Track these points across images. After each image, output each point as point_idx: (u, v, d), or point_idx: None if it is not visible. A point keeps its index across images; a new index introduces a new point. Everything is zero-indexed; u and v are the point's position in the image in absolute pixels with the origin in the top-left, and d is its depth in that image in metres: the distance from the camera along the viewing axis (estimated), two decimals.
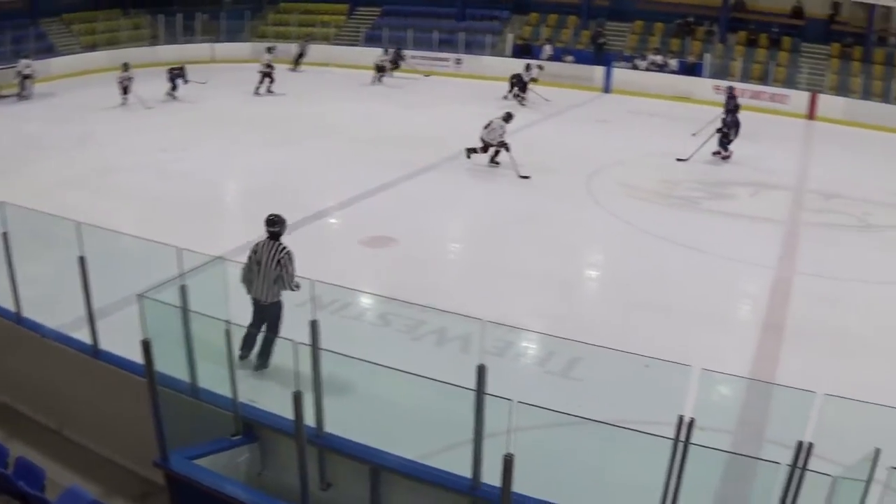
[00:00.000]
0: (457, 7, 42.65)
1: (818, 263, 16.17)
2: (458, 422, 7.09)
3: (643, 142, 26.08)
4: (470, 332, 10.56)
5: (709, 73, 36.39)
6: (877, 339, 13.25)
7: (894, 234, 18.85)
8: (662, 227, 17.48)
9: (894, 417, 9.57)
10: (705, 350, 11.70)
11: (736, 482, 8.15)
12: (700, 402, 7.34)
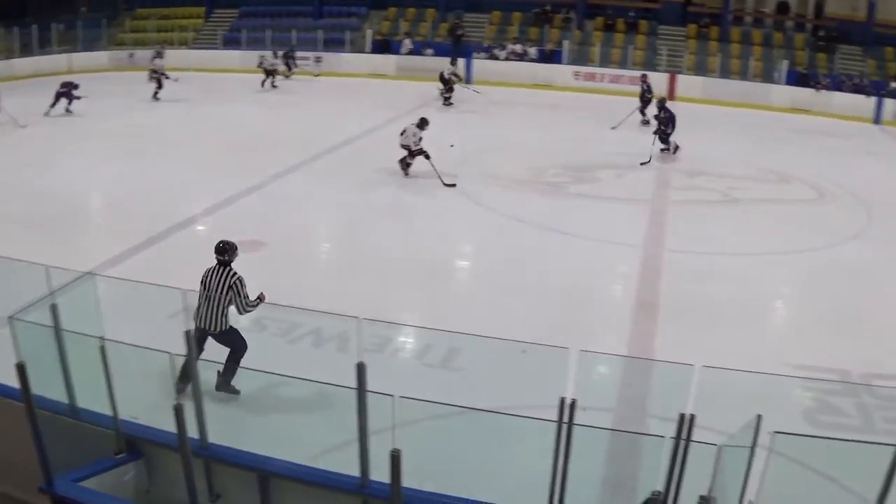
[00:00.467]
0: (314, 5, 42.26)
1: (686, 240, 16.55)
2: (343, 421, 6.95)
3: (507, 131, 26.28)
4: (346, 330, 10.43)
5: (568, 59, 36.89)
6: (747, 309, 13.64)
7: (758, 207, 19.42)
8: (532, 214, 17.60)
9: (771, 383, 9.87)
10: (581, 331, 11.79)
11: (623, 459, 8.20)
12: (580, 383, 7.36)
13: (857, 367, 11.72)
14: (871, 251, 16.85)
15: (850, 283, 15.08)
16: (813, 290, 15.01)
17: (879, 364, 11.87)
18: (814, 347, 12.33)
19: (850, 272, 15.56)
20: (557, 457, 6.17)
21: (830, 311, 13.84)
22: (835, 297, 14.43)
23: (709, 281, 14.56)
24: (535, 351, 8.72)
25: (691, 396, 6.91)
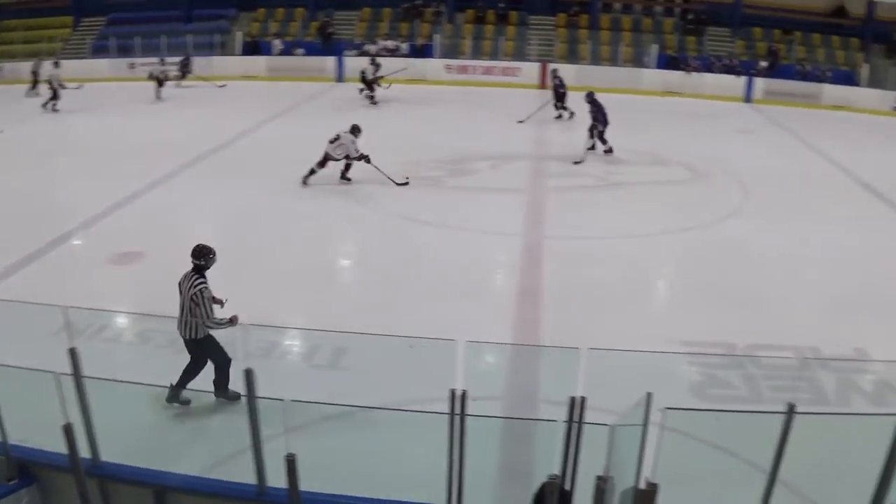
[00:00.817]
0: (182, 10, 41.39)
1: (566, 226, 16.69)
2: (236, 429, 6.76)
3: (381, 127, 26.05)
4: (233, 336, 10.14)
5: (439, 53, 36.89)
6: (630, 290, 13.86)
7: (636, 190, 19.65)
8: (410, 209, 17.48)
9: (658, 361, 9.92)
10: (468, 323, 11.66)
11: (518, 446, 8.20)
12: (469, 373, 7.27)
13: (742, 339, 11.94)
14: (748, 226, 17.23)
15: (730, 258, 15.38)
16: (694, 268, 15.22)
17: (763, 335, 12.15)
18: (698, 323, 12.52)
19: (728, 248, 15.87)
20: (452, 448, 6.12)
21: (712, 287, 14.05)
22: (716, 273, 14.68)
23: (591, 264, 14.71)
24: (422, 345, 8.65)
25: (580, 379, 6.86)
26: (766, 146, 25.57)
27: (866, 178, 22.08)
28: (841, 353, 11.78)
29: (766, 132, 28.01)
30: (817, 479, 7.85)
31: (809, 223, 17.84)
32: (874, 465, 6.44)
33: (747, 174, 21.09)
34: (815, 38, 38.03)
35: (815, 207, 19.13)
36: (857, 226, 18.26)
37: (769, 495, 6.29)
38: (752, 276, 14.65)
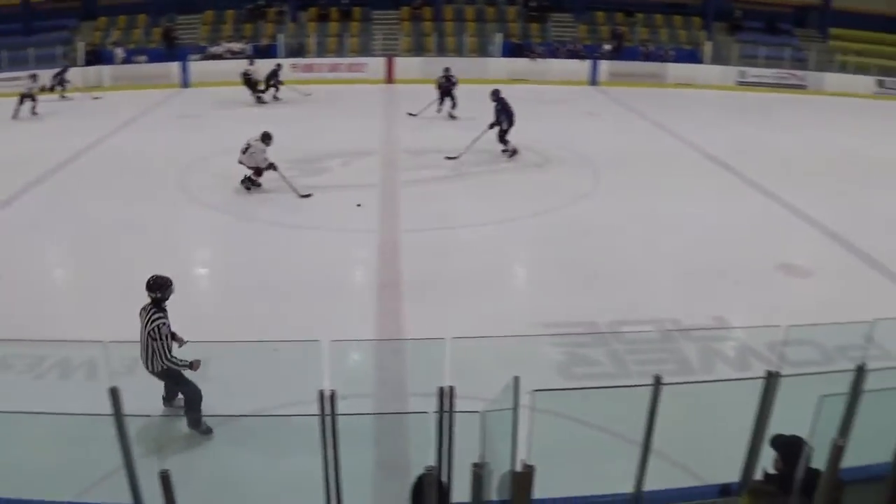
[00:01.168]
0: (22, 22, 39.75)
1: (421, 218, 16.66)
2: (105, 449, 6.50)
3: (231, 130, 25.52)
4: (94, 356, 9.78)
5: (284, 53, 36.48)
6: (490, 277, 13.93)
7: (489, 178, 19.76)
8: (267, 212, 17.15)
9: (524, 344, 9.95)
10: (331, 322, 11.54)
11: (392, 441, 8.14)
12: (337, 372, 7.17)
13: (604, 316, 12.16)
14: (602, 206, 17.56)
15: (587, 238, 15.62)
16: (552, 251, 15.36)
17: (624, 311, 12.39)
18: (560, 304, 12.67)
19: (584, 228, 16.12)
20: (326, 450, 5.99)
21: (572, 268, 14.23)
22: (574, 254, 14.87)
23: (449, 255, 14.74)
24: (287, 348, 8.50)
25: (447, 369, 6.80)
26: (614, 127, 26.09)
27: (713, 151, 22.74)
28: (701, 323, 12.06)
29: (614, 113, 28.59)
30: (689, 446, 7.98)
31: (661, 199, 18.27)
32: (743, 428, 6.57)
33: (597, 156, 21.46)
34: (658, 19, 38.99)
35: (665, 183, 19.59)
36: (708, 198, 18.81)
37: (644, 466, 6.34)
38: (610, 254, 14.92)
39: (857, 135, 28.82)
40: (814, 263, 15.57)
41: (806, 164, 23.16)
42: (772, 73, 36.48)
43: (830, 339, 11.03)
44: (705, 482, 6.89)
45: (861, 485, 6.67)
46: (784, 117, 30.64)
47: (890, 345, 10.13)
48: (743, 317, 12.54)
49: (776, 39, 38.65)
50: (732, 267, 14.81)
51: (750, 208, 18.63)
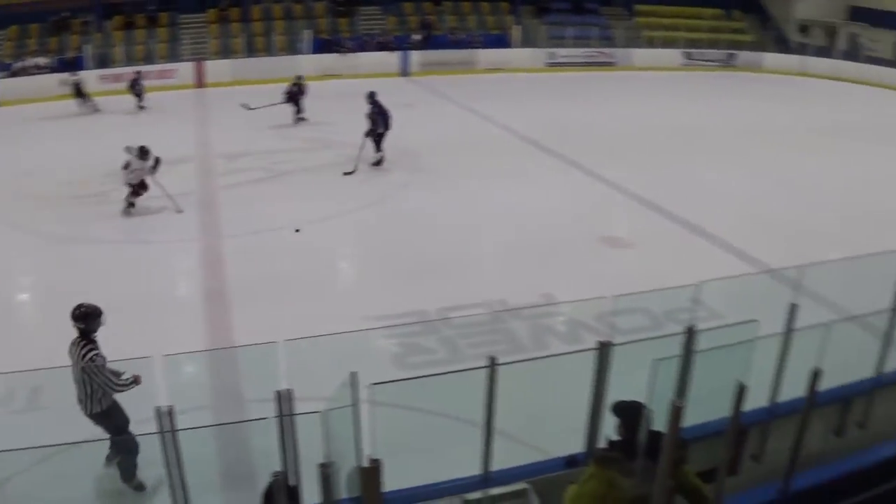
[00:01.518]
0: None
1: (242, 222, 16.35)
2: None
3: (43, 147, 24.55)
4: None
5: (92, 64, 35.31)
6: (316, 276, 13.92)
7: (306, 177, 19.65)
8: (79, 230, 16.47)
9: (358, 340, 9.94)
10: (161, 337, 11.20)
11: (236, 451, 8.03)
12: (172, 387, 7.01)
13: (433, 304, 12.26)
14: (422, 196, 17.70)
15: (411, 229, 15.73)
16: (378, 244, 15.43)
17: (451, 297, 12.53)
18: (390, 296, 12.71)
19: (408, 219, 16.22)
20: (169, 466, 5.84)
21: (398, 259, 14.31)
22: (400, 245, 14.96)
23: (275, 257, 14.60)
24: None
25: (283, 372, 6.74)
26: (428, 116, 26.27)
27: (528, 133, 23.19)
28: (530, 302, 12.28)
29: (428, 103, 28.77)
30: (532, 423, 8.12)
31: (482, 184, 18.56)
32: (582, 400, 6.72)
33: (415, 146, 21.55)
34: (466, 6, 39.40)
35: (484, 168, 19.86)
36: (527, 179, 19.17)
37: (489, 447, 6.42)
38: (435, 242, 15.08)
39: (667, 106, 29.96)
40: (635, 234, 16.12)
41: (620, 139, 23.96)
42: (581, 53, 37.43)
43: (658, 305, 11.41)
44: (551, 456, 7.00)
45: (703, 441, 6.93)
46: (595, 95, 31.55)
47: (716, 305, 10.54)
48: (571, 292, 12.84)
49: (583, 19, 39.62)
50: (556, 244, 15.17)
51: (568, 186, 19.11)
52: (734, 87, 36.00)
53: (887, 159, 24.61)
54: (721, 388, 5.91)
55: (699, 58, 39.82)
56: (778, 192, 20.19)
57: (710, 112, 29.76)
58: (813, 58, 40.69)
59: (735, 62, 40.61)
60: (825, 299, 11.03)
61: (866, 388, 9.24)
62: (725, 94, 34.02)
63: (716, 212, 18.05)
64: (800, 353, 7.91)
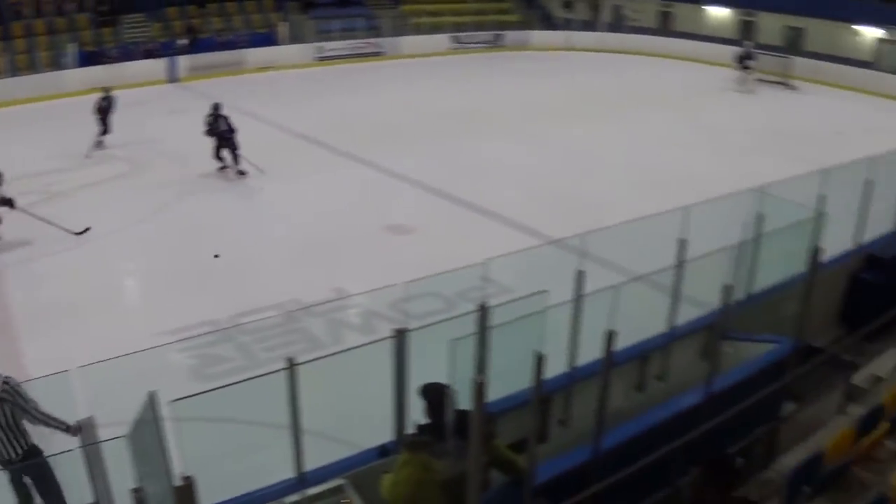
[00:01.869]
0: None
1: (19, 246, 15.47)
2: None
3: None
4: None
5: None
6: (102, 297, 13.43)
7: (80, 196, 18.77)
8: None
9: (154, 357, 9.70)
10: None
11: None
12: None
13: (224, 312, 12.12)
14: (203, 203, 17.36)
15: (196, 237, 15.44)
16: (165, 255, 15.04)
17: (242, 303, 12.46)
18: (179, 309, 12.47)
19: (191, 228, 15.94)
20: None
21: (185, 270, 14.09)
22: (186, 255, 14.71)
23: (57, 282, 14.00)
24: None
25: (81, 400, 6.51)
26: (200, 122, 25.60)
27: (302, 130, 23.09)
28: (321, 297, 12.27)
29: (199, 108, 28.00)
30: (341, 418, 8.12)
31: (260, 185, 18.44)
32: (386, 388, 6.78)
33: (189, 153, 21.04)
34: (231, 7, 38.66)
35: (266, 168, 19.56)
36: (304, 176, 19.13)
37: (299, 448, 6.42)
38: (221, 248, 14.83)
39: (439, 91, 30.41)
40: (421, 219, 16.33)
41: (395, 127, 24.17)
42: (349, 45, 37.47)
43: (449, 286, 11.59)
44: (363, 448, 7.03)
45: (510, 413, 7.12)
46: (366, 85, 31.64)
47: (506, 280, 10.78)
48: (362, 283, 12.90)
49: (349, 11, 39.60)
50: (343, 238, 15.25)
51: (348, 178, 19.18)
52: (504, 66, 36.81)
53: (656, 123, 25.83)
54: (521, 360, 6.06)
55: (467, 41, 40.49)
56: (557, 164, 20.88)
57: (482, 93, 30.42)
58: (578, 32, 42.21)
59: (503, 42, 41.48)
60: (613, 263, 11.49)
61: (662, 343, 9.67)
62: (496, 74, 34.79)
63: (499, 189, 18.50)
64: (594, 318, 8.21)
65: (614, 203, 17.41)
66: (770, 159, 20.83)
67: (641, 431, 7.60)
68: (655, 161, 21.37)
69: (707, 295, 9.53)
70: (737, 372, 9.14)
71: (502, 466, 6.23)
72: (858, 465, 6.72)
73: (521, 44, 41.77)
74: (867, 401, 8.65)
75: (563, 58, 39.79)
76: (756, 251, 10.56)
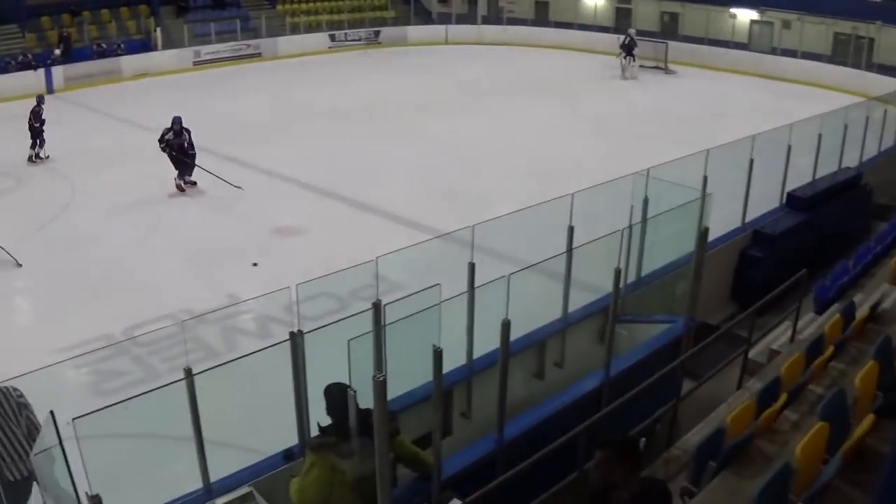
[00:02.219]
0: None
1: None
2: None
3: None
4: None
5: None
6: None
7: None
8: None
9: (48, 376, 9.38)
10: None
11: None
12: None
13: (118, 325, 11.89)
14: (87, 216, 16.91)
15: (80, 250, 15.04)
16: (45, 269, 14.55)
17: (135, 315, 12.23)
18: (71, 325, 12.15)
19: (74, 240, 15.52)
20: None
21: (70, 284, 13.74)
22: (73, 268, 14.30)
23: None
24: None
25: None
26: (80, 131, 24.96)
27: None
28: (214, 305, 12.07)
29: (75, 118, 27.37)
30: (244, 425, 7.99)
31: (140, 194, 18.05)
32: (286, 392, 6.69)
33: (68, 164, 20.48)
34: (105, 14, 37.77)
35: (140, 178, 19.17)
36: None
37: (203, 459, 6.32)
38: (105, 261, 14.67)
39: (319, 90, 30.24)
40: (307, 220, 16.23)
41: (276, 128, 24.01)
42: (227, 48, 36.97)
43: (341, 286, 11.49)
44: (268, 454, 6.94)
45: (413, 409, 7.11)
46: (245, 88, 31.32)
47: (398, 277, 10.72)
48: (253, 288, 12.74)
49: (224, 14, 39.10)
50: (230, 243, 15.10)
51: (231, 180, 18.85)
52: (382, 63, 36.73)
53: (538, 113, 26.08)
54: (419, 356, 6.04)
55: (345, 39, 40.34)
56: (441, 158, 20.93)
57: (362, 90, 30.31)
58: (456, 26, 42.38)
59: (381, 39, 41.38)
60: (504, 254, 11.51)
61: (557, 329, 9.75)
62: (375, 71, 34.67)
63: (385, 186, 18.50)
64: (489, 309, 8.20)
65: (501, 194, 17.53)
66: (653, 143, 21.21)
67: (544, 418, 7.65)
68: (540, 150, 21.57)
69: (599, 280, 9.64)
70: (633, 354, 9.28)
71: (409, 462, 6.22)
72: (761, 438, 6.84)
73: (399, 40, 41.78)
74: (765, 374, 8.85)
75: (442, 52, 39.95)
76: (644, 234, 10.71)
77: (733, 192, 13.69)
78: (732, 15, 35.98)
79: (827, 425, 5.95)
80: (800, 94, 29.57)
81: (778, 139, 14.83)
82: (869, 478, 5.96)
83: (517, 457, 6.89)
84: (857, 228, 16.49)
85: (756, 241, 14.04)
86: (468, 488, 6.43)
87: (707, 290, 10.64)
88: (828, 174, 16.01)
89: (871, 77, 30.44)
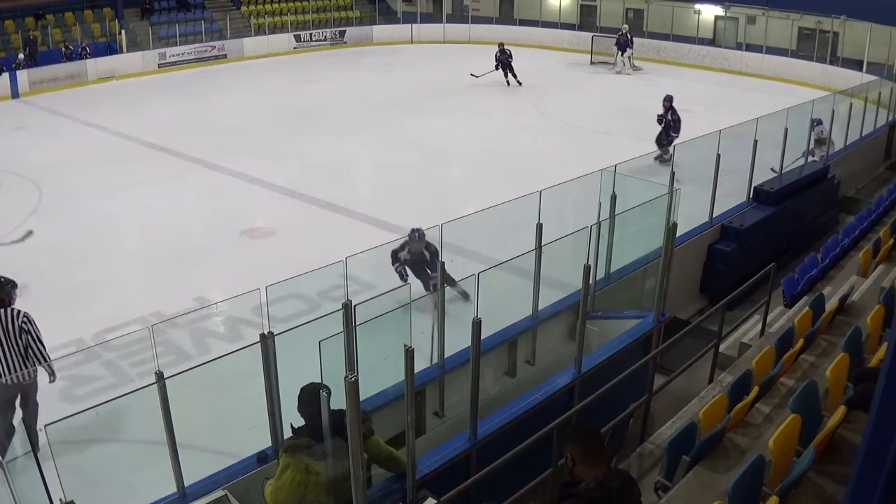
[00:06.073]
0: None
1: None
2: None
3: None
4: None
5: None
6: None
7: None
8: None
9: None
10: None
11: None
12: None
13: (87, 330, 11.82)
14: (53, 220, 16.76)
15: (45, 258, 14.88)
16: (14, 274, 14.34)
17: (104, 320, 12.13)
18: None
19: (37, 249, 15.34)
20: None
21: (40, 290, 13.48)
22: (38, 274, 14.08)
23: None
24: None
25: None
26: (44, 137, 24.78)
27: (149, 138, 22.59)
28: (184, 308, 12.02)
29: (43, 122, 27.19)
30: (217, 428, 7.95)
31: (109, 198, 17.91)
32: (259, 394, 6.67)
33: (35, 170, 20.27)
34: (69, 17, 37.50)
35: (109, 181, 19.07)
36: (154, 185, 18.68)
37: (178, 462, 6.29)
38: (72, 266, 14.46)
39: (285, 91, 30.19)
40: (276, 221, 16.19)
41: (242, 130, 23.91)
42: (192, 49, 36.81)
43: (311, 287, 11.46)
44: (242, 457, 6.92)
45: (385, 409, 7.11)
46: (211, 89, 31.21)
47: (367, 277, 10.72)
48: (223, 290, 12.70)
49: (189, 16, 38.95)
50: (200, 246, 15.03)
51: (199, 185, 18.82)
52: (348, 63, 36.67)
53: (505, 110, 26.12)
54: (390, 355, 6.04)
55: (310, 39, 40.30)
56: (409, 158, 20.93)
57: (328, 91, 30.29)
58: (420, 25, 42.38)
59: (346, 39, 41.37)
60: (473, 252, 11.52)
61: (528, 326, 9.78)
62: (341, 71, 34.63)
63: (352, 186, 18.52)
64: (459, 307, 8.18)
65: (470, 192, 17.58)
66: (620, 140, 21.30)
67: (516, 416, 7.66)
68: (507, 148, 21.62)
69: (569, 276, 9.67)
70: (605, 349, 9.30)
71: (382, 462, 6.22)
72: (733, 431, 6.89)
73: (364, 40, 41.86)
74: (736, 368, 8.91)
75: (407, 51, 40.00)
76: (612, 230, 10.75)
77: (702, 186, 13.78)
78: (697, 11, 36.18)
79: (799, 417, 6.00)
80: (765, 89, 29.81)
81: (744, 134, 14.94)
82: (842, 469, 6.02)
83: (491, 454, 6.91)
84: (825, 222, 16.65)
85: (724, 235, 14.14)
86: (443, 487, 6.44)
87: (676, 285, 10.70)
88: (795, 168, 16.16)
89: (835, 71, 30.81)
